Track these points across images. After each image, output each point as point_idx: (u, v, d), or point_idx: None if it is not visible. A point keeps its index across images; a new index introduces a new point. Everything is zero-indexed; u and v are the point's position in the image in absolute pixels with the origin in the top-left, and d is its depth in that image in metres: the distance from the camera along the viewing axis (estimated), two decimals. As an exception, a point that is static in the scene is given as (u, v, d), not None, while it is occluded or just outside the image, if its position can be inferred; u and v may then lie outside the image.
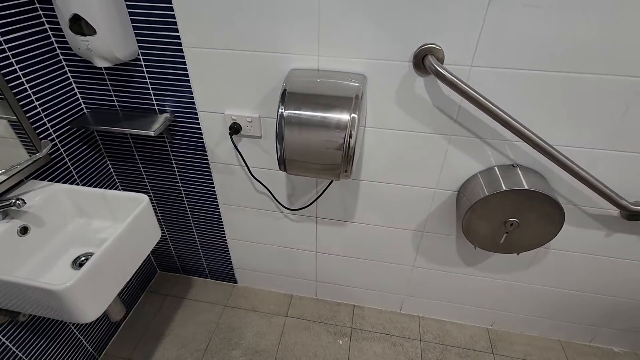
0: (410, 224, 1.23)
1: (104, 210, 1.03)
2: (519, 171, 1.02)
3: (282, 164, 0.94)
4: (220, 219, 1.42)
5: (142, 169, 1.33)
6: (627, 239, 1.11)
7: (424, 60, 0.87)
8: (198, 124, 1.15)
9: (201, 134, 1.17)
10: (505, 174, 1.02)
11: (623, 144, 0.92)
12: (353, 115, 0.85)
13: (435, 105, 0.95)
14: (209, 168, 1.26)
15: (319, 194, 1.21)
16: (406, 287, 1.47)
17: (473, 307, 1.47)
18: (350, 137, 0.86)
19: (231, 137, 1.08)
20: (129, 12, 0.96)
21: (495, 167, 1.04)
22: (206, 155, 1.22)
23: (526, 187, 0.96)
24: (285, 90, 0.89)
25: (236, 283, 1.70)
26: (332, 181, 1.17)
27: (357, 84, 0.89)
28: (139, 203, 0.97)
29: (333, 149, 0.88)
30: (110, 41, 0.93)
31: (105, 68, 1.08)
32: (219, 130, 1.14)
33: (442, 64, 0.87)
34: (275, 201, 1.27)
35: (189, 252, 1.62)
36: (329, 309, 1.60)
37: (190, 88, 1.07)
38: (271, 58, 0.96)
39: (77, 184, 1.19)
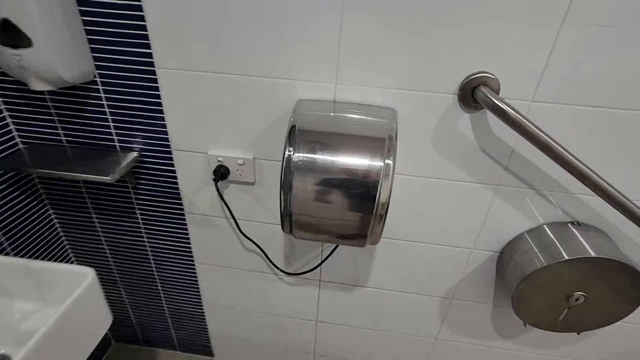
0: (438, 290, 1.00)
1: (29, 287, 0.74)
2: (574, 230, 0.82)
3: (288, 223, 0.69)
4: (196, 280, 1.13)
5: (96, 220, 1.04)
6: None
7: (475, 92, 0.68)
8: (172, 166, 0.89)
9: (176, 178, 0.91)
10: (559, 235, 0.82)
11: None
12: (388, 161, 0.64)
13: (483, 148, 0.75)
14: (184, 220, 0.99)
15: (325, 257, 0.96)
16: (424, 361, 1.21)
17: (503, 383, 1.23)
18: (383, 192, 0.64)
19: (216, 185, 0.83)
20: (83, 19, 0.72)
21: (545, 226, 0.84)
22: (181, 204, 0.96)
23: (592, 253, 0.76)
24: (294, 126, 0.66)
25: (213, 356, 1.37)
26: (342, 238, 0.93)
27: (387, 121, 0.68)
28: (80, 280, 0.68)
29: (359, 206, 0.65)
30: (53, 57, 0.68)
31: (49, 93, 0.82)
32: (199, 174, 0.89)
33: (498, 97, 0.68)
34: (269, 262, 1.01)
35: (154, 320, 1.29)
36: (329, 388, 1.31)
37: (164, 120, 0.82)
38: (272, 85, 0.74)
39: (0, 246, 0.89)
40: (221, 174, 0.84)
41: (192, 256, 1.07)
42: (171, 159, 0.88)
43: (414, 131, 0.75)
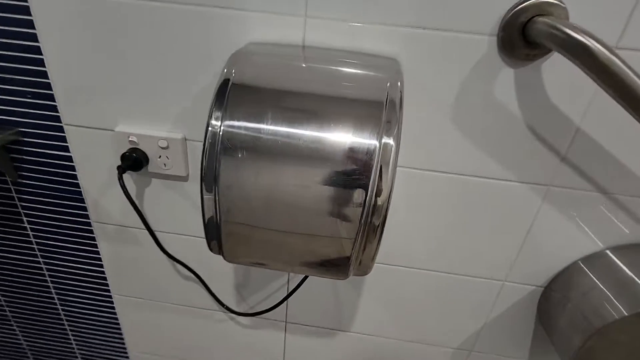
0: (451, 339, 0.71)
1: None
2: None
3: (215, 240, 0.40)
4: (116, 319, 0.81)
5: (-33, 230, 0.73)
6: None
7: (530, 27, 0.42)
8: (66, 150, 0.60)
9: (74, 169, 0.62)
10: (635, 265, 0.55)
11: None
12: (387, 140, 0.36)
13: (531, 125, 0.49)
14: (91, 233, 0.69)
15: (291, 290, 0.66)
16: None
17: None
18: (380, 189, 0.36)
19: (120, 178, 0.54)
20: None
21: (608, 252, 0.58)
22: (85, 209, 0.66)
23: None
24: (227, 80, 0.39)
25: (147, 419, 1.03)
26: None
27: (387, 76, 0.41)
28: None
29: (337, 213, 0.37)
30: None
31: None
32: (105, 162, 0.60)
33: (566, 36, 0.42)
34: (212, 297, 0.71)
35: (67, 370, 0.96)
36: None
37: (47, 77, 0.54)
38: (209, 19, 0.47)
39: None
40: (133, 161, 0.55)
41: (107, 284, 0.76)
42: (64, 139, 0.59)
43: (424, 97, 0.49)
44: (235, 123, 0.37)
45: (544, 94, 0.47)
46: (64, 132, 0.58)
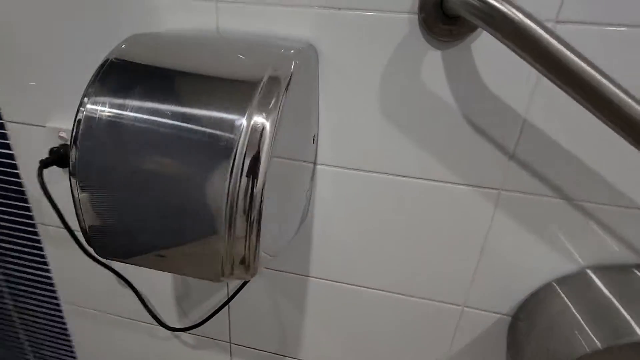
0: (411, 374, 0.61)
1: None
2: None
3: (83, 231, 0.37)
4: (66, 329, 0.78)
5: None
6: None
7: (449, 1, 0.37)
8: (8, 147, 0.60)
9: (16, 167, 0.62)
10: (621, 291, 0.45)
11: None
12: (258, 118, 0.32)
13: (469, 117, 0.42)
14: (36, 234, 0.68)
15: (229, 296, 0.60)
16: None
17: None
18: (251, 172, 0.32)
19: (40, 174, 0.52)
20: None
21: (589, 271, 0.48)
22: (29, 209, 0.65)
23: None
24: (107, 61, 0.37)
25: None
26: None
27: (282, 52, 0.38)
28: None
29: (203, 200, 0.33)
30: None
31: None
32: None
33: (488, 7, 0.36)
34: (146, 309, 0.66)
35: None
36: None
37: (-14, 73, 0.55)
38: (115, 9, 0.46)
39: None
40: (60, 157, 0.54)
41: (55, 292, 0.74)
42: (5, 136, 0.59)
43: (350, 86, 0.44)
44: (104, 98, 0.35)
45: (479, 79, 0.40)
46: (5, 129, 0.59)
